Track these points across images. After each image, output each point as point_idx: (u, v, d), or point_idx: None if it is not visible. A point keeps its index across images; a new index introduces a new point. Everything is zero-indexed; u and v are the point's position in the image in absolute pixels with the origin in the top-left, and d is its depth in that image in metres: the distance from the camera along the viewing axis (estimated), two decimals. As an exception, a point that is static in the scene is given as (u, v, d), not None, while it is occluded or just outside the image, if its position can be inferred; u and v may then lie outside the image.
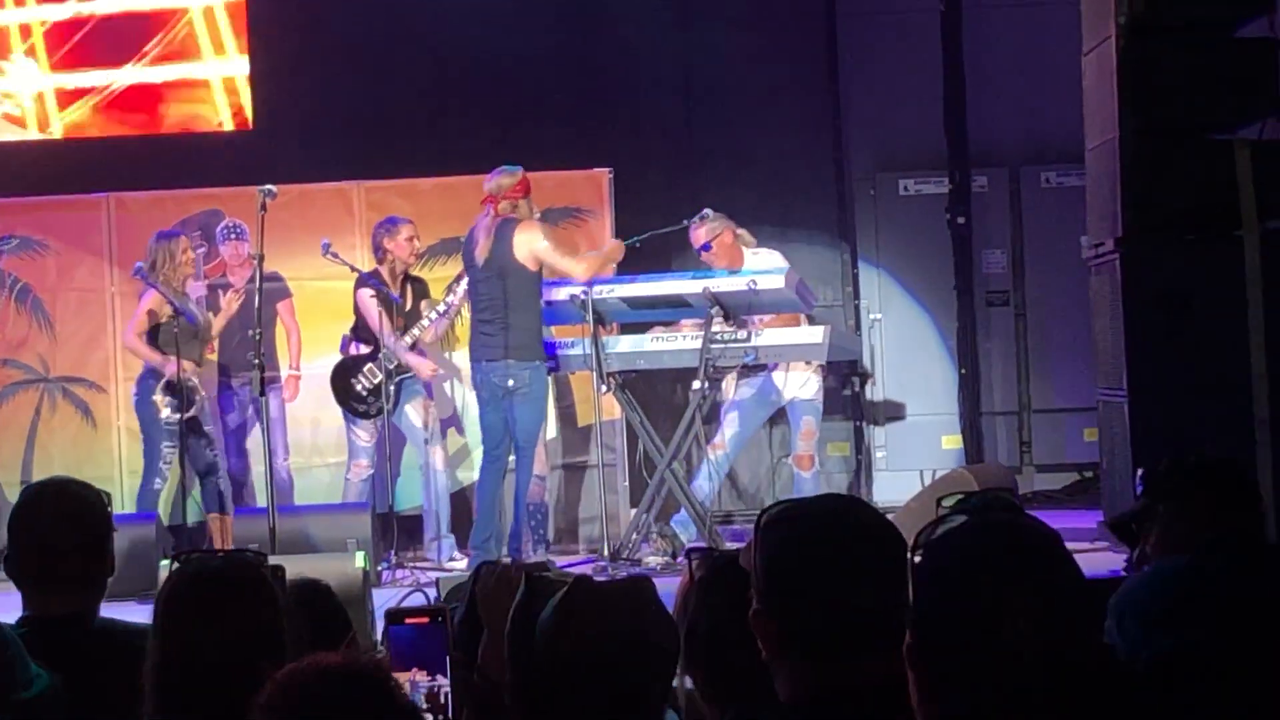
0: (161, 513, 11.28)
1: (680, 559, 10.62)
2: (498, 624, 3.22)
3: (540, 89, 12.95)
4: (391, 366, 11.25)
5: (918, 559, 2.38)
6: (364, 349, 11.43)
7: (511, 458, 10.79)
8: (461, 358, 11.89)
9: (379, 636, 3.88)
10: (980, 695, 2.30)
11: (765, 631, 2.81)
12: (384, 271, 11.37)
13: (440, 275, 12.03)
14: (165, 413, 11.13)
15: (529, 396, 10.58)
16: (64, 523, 4.27)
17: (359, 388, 11.42)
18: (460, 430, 12.23)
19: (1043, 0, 12.38)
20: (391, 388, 11.26)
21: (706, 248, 11.08)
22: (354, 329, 11.49)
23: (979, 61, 13.03)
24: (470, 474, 12.04)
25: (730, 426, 11.17)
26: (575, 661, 2.95)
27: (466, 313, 11.37)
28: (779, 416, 11.62)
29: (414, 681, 3.56)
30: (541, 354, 10.62)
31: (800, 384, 11.12)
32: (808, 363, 11.01)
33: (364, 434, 11.54)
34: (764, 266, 10.97)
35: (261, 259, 10.16)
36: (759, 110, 13.06)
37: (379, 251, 11.41)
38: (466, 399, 12.02)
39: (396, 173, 12.37)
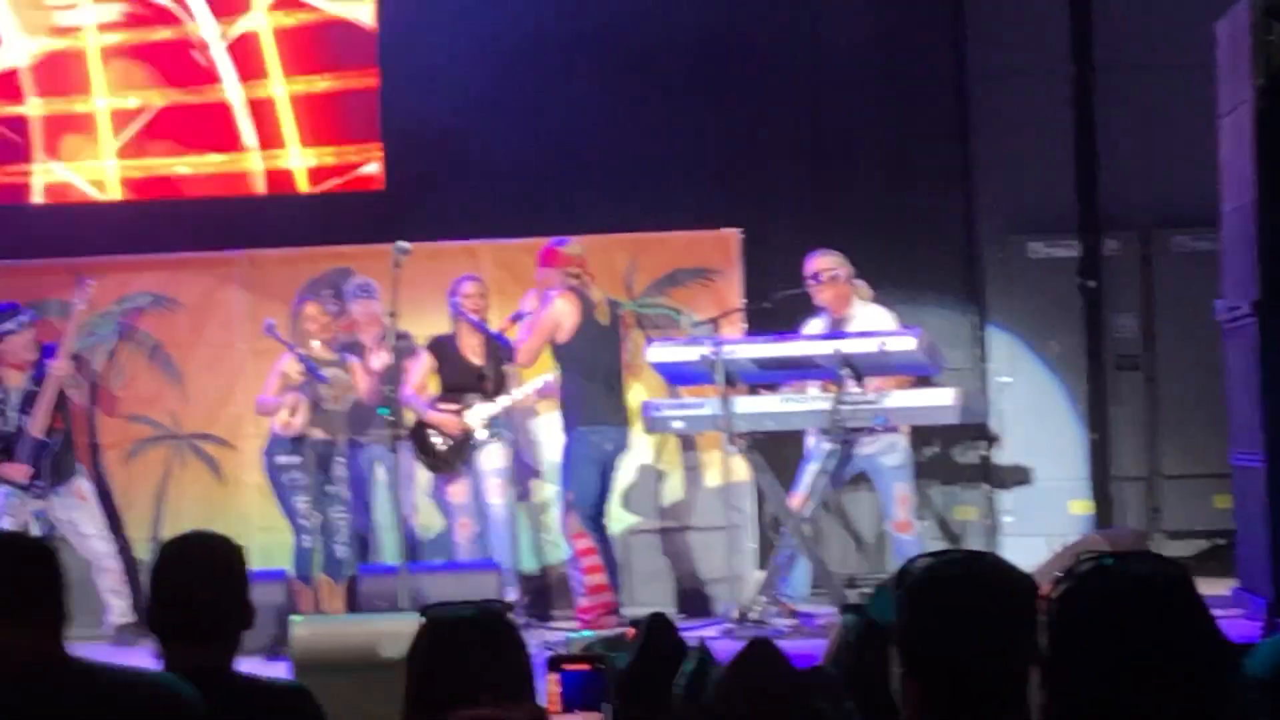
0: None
1: (805, 621, 10.57)
2: None
3: (669, 149, 12.96)
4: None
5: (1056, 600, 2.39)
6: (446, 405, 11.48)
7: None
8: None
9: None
10: None
11: (907, 693, 2.78)
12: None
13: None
14: (291, 473, 11.24)
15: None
16: (202, 576, 4.29)
17: (434, 441, 11.45)
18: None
19: (1174, 64, 12.27)
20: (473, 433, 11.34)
21: (817, 278, 11.09)
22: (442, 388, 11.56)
23: (1110, 124, 12.95)
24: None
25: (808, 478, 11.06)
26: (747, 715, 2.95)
27: None
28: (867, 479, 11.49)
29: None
30: None
31: (886, 448, 11.01)
32: (894, 428, 10.92)
33: (453, 490, 11.52)
34: (869, 320, 10.97)
35: (394, 316, 10.22)
36: (888, 171, 13.01)
37: None
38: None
39: (524, 232, 12.40)
